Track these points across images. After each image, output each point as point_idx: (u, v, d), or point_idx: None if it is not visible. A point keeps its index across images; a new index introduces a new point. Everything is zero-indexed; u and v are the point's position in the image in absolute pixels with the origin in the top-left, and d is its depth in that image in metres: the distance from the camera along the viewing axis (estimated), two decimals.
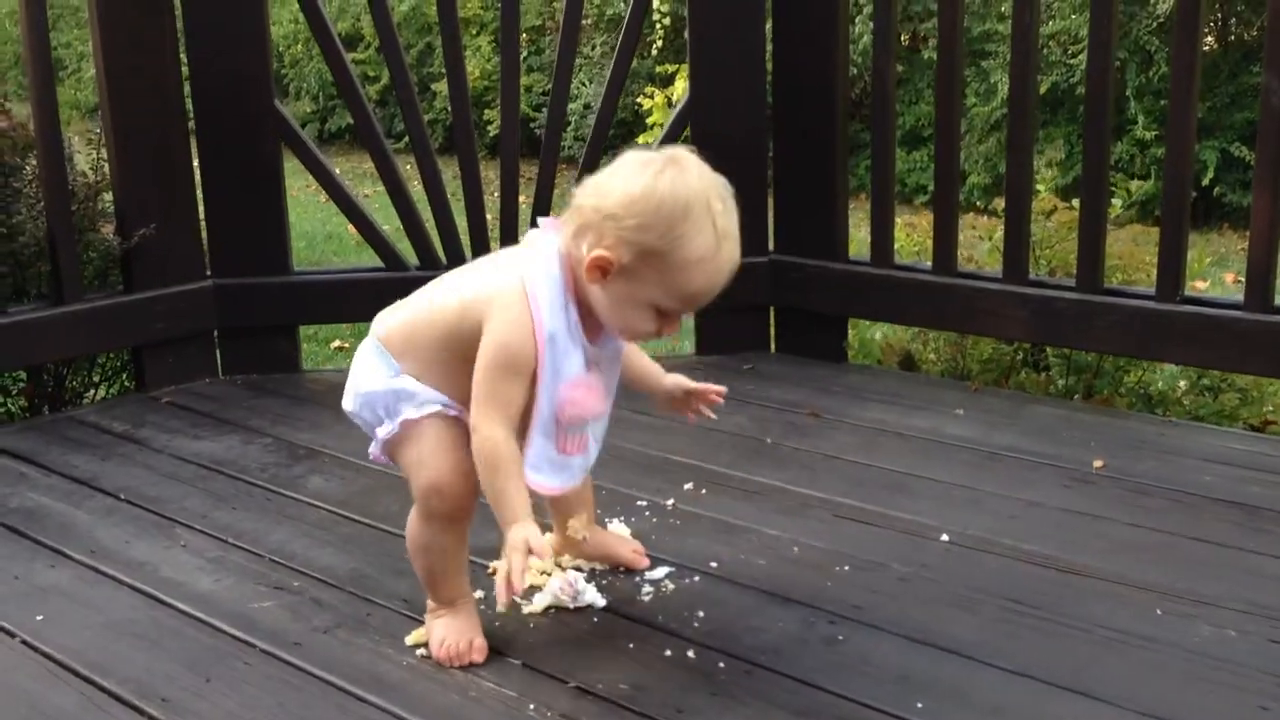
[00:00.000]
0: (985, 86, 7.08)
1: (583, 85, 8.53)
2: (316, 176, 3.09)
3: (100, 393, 3.07)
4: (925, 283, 2.90)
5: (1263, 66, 2.44)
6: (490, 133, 8.45)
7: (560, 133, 3.12)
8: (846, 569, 1.96)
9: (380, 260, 3.11)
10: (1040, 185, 3.75)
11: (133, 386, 3.03)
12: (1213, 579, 1.89)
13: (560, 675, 1.66)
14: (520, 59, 3.47)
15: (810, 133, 3.02)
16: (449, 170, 3.16)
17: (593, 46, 8.83)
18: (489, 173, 3.31)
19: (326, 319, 3.71)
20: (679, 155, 1.59)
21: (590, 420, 1.69)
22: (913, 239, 3.35)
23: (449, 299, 1.69)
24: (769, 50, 3.06)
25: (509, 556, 1.53)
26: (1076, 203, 2.82)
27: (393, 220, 3.15)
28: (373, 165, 3.20)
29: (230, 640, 1.79)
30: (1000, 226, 2.86)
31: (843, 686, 1.63)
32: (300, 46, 10.49)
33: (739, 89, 3.02)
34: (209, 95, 2.96)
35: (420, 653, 1.73)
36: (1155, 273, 2.61)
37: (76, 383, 3.01)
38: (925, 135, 7.28)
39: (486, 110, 8.70)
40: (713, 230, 1.55)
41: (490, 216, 3.08)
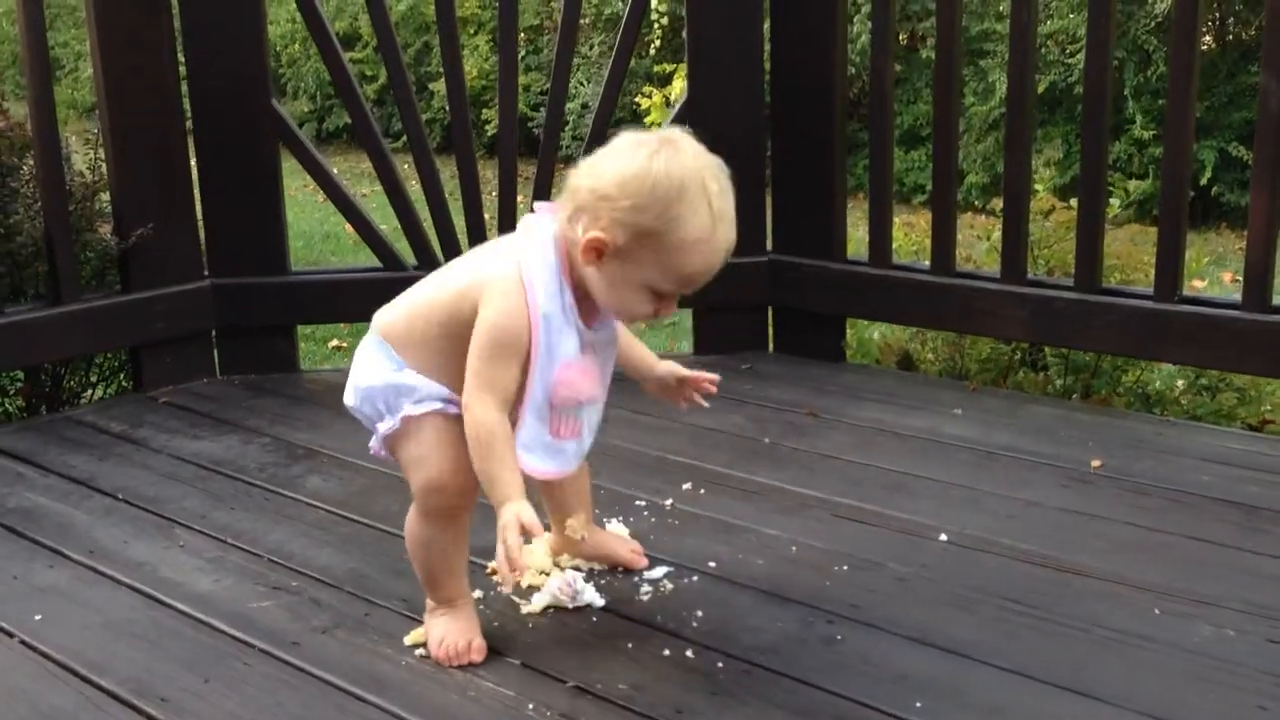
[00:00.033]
0: (983, 86, 7.08)
1: (581, 84, 8.53)
2: (314, 176, 3.09)
3: (98, 393, 3.07)
4: (923, 282, 2.90)
5: (1261, 66, 2.44)
6: (488, 132, 8.45)
7: (558, 132, 3.12)
8: (845, 569, 1.96)
9: (378, 260, 3.11)
10: (1038, 185, 3.76)
11: (130, 386, 3.03)
12: (1211, 578, 1.89)
13: (559, 675, 1.66)
14: (518, 58, 3.47)
15: (808, 132, 3.02)
16: (447, 169, 3.16)
17: (591, 46, 8.82)
18: (487, 172, 3.32)
19: (324, 319, 3.71)
20: (674, 136, 1.58)
21: (584, 403, 1.68)
22: (911, 238, 3.35)
23: (445, 287, 1.69)
24: (767, 49, 3.07)
25: (503, 535, 1.53)
26: (1074, 202, 2.82)
27: (390, 220, 3.15)
28: (370, 165, 3.20)
29: (229, 640, 1.79)
30: (998, 226, 2.86)
31: (841, 686, 1.63)
32: (298, 46, 10.48)
33: (737, 88, 3.02)
34: (207, 95, 2.96)
35: (419, 652, 1.73)
36: (1153, 272, 2.61)
37: (74, 383, 3.01)
38: (923, 134, 7.28)
39: (484, 109, 8.71)
40: (708, 211, 1.55)
41: (488, 216, 3.08)
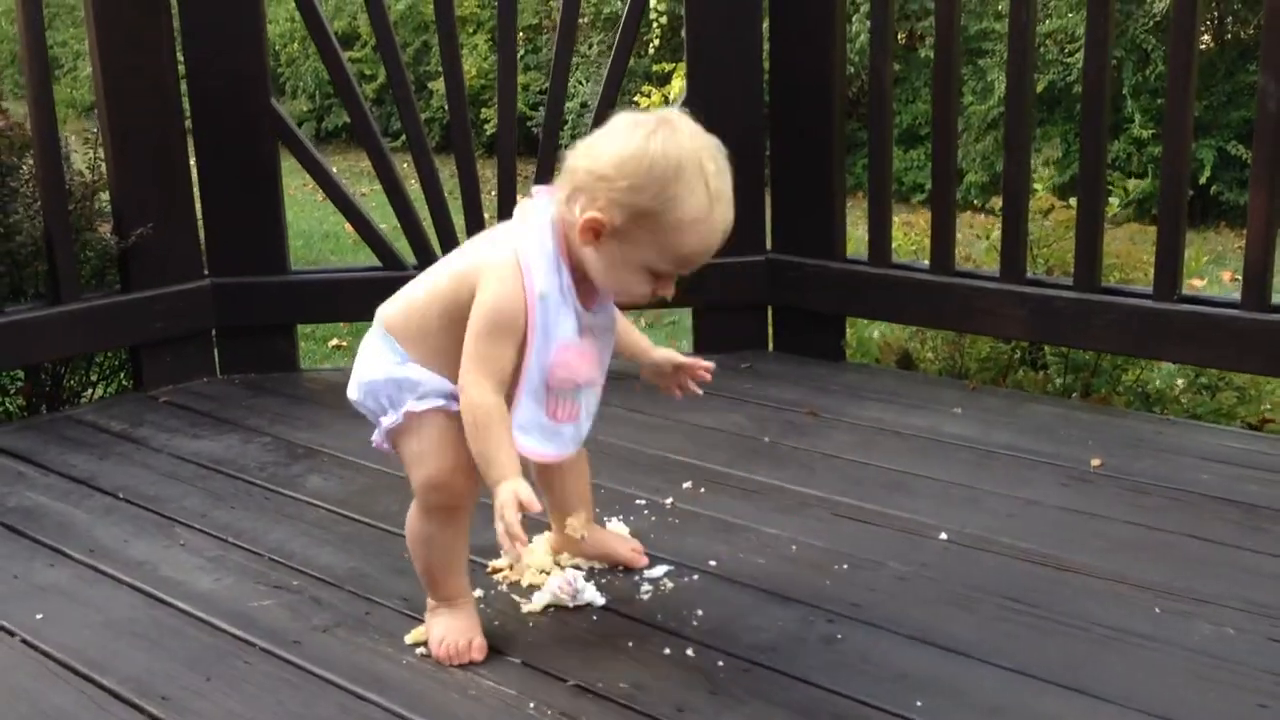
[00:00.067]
0: (982, 85, 7.08)
1: (580, 84, 8.52)
2: (314, 175, 3.09)
3: (98, 392, 3.07)
4: (923, 281, 2.91)
5: (1259, 66, 2.44)
6: (487, 131, 8.45)
7: (557, 131, 3.12)
8: (845, 567, 1.96)
9: (377, 259, 3.11)
10: (1037, 184, 3.75)
11: (131, 386, 3.03)
12: (1211, 577, 1.90)
13: (559, 674, 1.67)
14: (517, 57, 3.47)
15: (807, 131, 3.02)
16: (446, 169, 3.16)
17: (590, 45, 8.82)
18: (486, 171, 3.32)
19: (324, 318, 3.72)
20: (671, 116, 1.58)
21: (581, 386, 1.68)
22: (910, 238, 3.35)
23: (444, 275, 1.70)
24: (766, 49, 3.07)
25: (501, 513, 1.53)
26: (1074, 201, 2.82)
27: (390, 219, 3.15)
28: (370, 164, 3.20)
29: (230, 639, 1.79)
30: (998, 225, 2.86)
31: (841, 685, 1.63)
32: (296, 45, 10.48)
33: (736, 88, 3.02)
34: (207, 95, 2.96)
35: (420, 651, 1.73)
36: (1153, 271, 2.61)
37: (74, 382, 3.01)
38: (922, 134, 7.29)
39: (483, 109, 8.71)
40: (705, 191, 1.54)
41: (487, 215, 3.08)
